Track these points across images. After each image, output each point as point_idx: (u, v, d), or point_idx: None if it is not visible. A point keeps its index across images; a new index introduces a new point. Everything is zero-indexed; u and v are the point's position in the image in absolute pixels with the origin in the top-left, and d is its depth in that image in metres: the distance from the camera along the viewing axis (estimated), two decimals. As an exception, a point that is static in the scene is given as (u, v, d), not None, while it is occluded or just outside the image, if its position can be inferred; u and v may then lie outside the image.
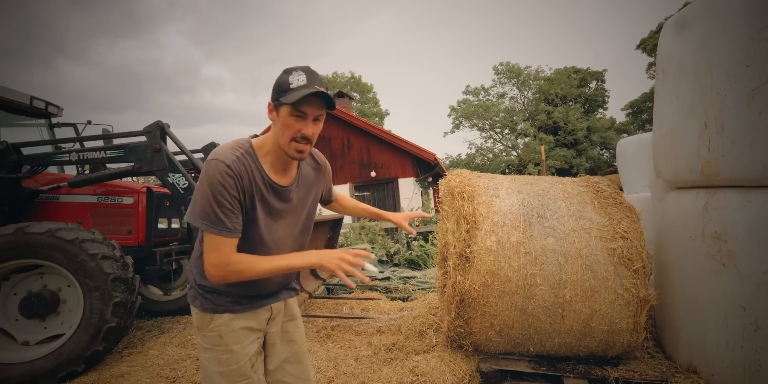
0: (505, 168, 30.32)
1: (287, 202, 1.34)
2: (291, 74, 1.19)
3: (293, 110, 1.18)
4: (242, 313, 1.35)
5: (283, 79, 1.20)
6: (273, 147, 1.27)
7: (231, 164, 1.18)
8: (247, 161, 1.23)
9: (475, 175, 2.87)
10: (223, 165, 1.17)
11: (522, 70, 32.18)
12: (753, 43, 1.86)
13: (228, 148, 1.23)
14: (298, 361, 1.50)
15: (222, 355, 1.31)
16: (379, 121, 33.12)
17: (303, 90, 1.16)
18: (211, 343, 1.32)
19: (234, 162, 1.20)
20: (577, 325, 2.34)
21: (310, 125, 1.21)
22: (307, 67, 1.22)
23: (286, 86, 1.18)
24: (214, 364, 1.32)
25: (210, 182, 1.16)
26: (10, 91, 3.93)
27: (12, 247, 2.93)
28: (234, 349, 1.32)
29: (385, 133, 13.65)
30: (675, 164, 2.38)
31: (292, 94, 1.16)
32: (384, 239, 8.53)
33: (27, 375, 2.79)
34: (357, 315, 4.05)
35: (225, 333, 1.32)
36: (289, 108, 1.18)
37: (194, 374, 2.85)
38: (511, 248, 2.40)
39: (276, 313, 1.45)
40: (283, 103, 1.18)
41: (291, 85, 1.18)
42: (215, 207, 1.16)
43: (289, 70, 1.21)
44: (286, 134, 1.21)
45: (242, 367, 1.32)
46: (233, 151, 1.22)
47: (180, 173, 3.36)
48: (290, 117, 1.19)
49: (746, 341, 1.92)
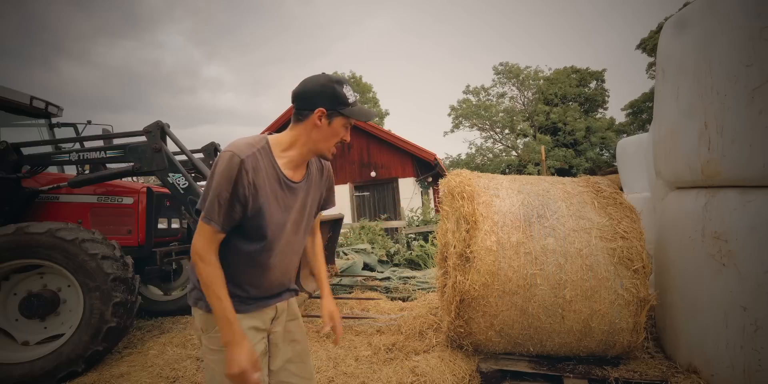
0: (505, 168, 30.29)
1: (297, 198, 1.37)
2: (344, 87, 1.29)
3: (347, 123, 1.31)
4: (248, 313, 1.35)
5: (338, 91, 1.28)
6: (300, 147, 1.32)
7: (245, 159, 1.21)
8: (262, 157, 1.27)
9: (475, 175, 2.87)
10: (238, 158, 1.20)
11: (521, 70, 32.18)
12: (753, 43, 1.86)
13: (245, 143, 1.26)
14: (301, 361, 1.51)
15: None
16: (379, 121, 33.09)
17: (363, 109, 1.32)
18: (218, 344, 1.30)
19: (249, 157, 1.22)
20: (577, 325, 2.34)
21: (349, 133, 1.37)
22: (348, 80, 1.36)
23: (344, 99, 1.28)
24: (221, 365, 1.29)
25: (220, 172, 1.20)
26: (10, 91, 3.93)
27: (12, 247, 2.92)
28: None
29: (385, 133, 13.64)
30: (675, 164, 2.38)
31: (356, 112, 1.30)
32: (384, 239, 8.53)
33: (27, 375, 2.79)
34: (357, 315, 4.05)
35: None
36: (344, 120, 1.30)
37: (194, 374, 2.85)
38: (511, 248, 2.40)
39: (280, 313, 1.46)
40: (341, 114, 1.29)
41: (349, 100, 1.29)
42: (216, 197, 1.20)
43: (339, 81, 1.29)
44: (334, 139, 1.32)
45: None
46: (250, 147, 1.25)
47: (180, 173, 3.35)
48: (343, 127, 1.31)
49: (746, 341, 1.92)
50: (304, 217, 1.43)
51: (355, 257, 6.28)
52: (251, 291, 1.36)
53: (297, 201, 1.37)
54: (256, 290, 1.36)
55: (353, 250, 6.93)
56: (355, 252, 6.73)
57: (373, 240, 8.29)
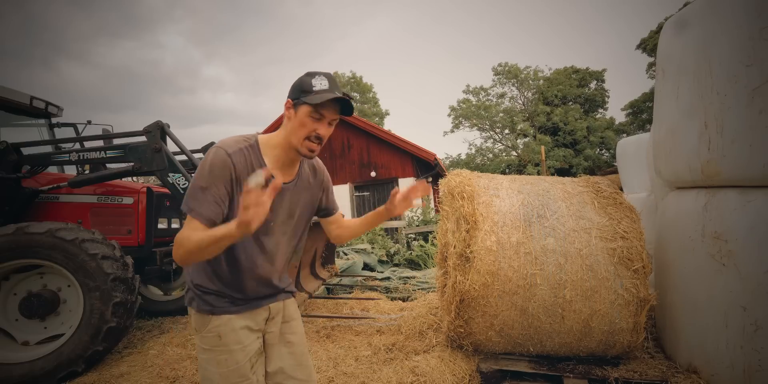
0: (505, 168, 30.29)
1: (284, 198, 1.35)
2: (314, 77, 1.25)
3: (313, 112, 1.23)
4: (240, 314, 1.34)
5: (305, 80, 1.25)
6: (282, 142, 1.30)
7: (232, 154, 1.23)
8: (249, 154, 1.27)
9: (475, 175, 2.87)
10: (224, 153, 1.22)
11: (521, 70, 32.19)
12: (753, 43, 1.86)
13: (233, 140, 1.28)
14: (299, 363, 1.49)
15: (221, 355, 1.31)
16: (379, 121, 33.09)
17: (327, 94, 1.22)
18: (210, 344, 1.32)
19: (235, 152, 1.24)
20: (577, 325, 2.34)
21: (324, 126, 1.26)
22: (329, 74, 1.27)
23: (308, 87, 1.24)
24: (213, 364, 1.31)
25: (205, 167, 1.21)
26: (10, 91, 3.93)
27: (12, 247, 2.92)
28: (234, 349, 1.31)
29: (385, 133, 13.64)
30: (675, 164, 2.38)
31: (316, 96, 1.21)
32: (384, 239, 8.53)
33: (27, 375, 2.79)
34: (357, 315, 4.05)
35: (224, 333, 1.31)
36: (309, 109, 1.23)
37: (194, 374, 2.85)
38: (511, 248, 2.40)
39: (275, 313, 1.45)
40: (304, 103, 1.23)
41: (314, 88, 1.23)
42: (200, 190, 1.19)
43: (312, 73, 1.26)
44: (301, 133, 1.25)
45: (241, 367, 1.31)
46: (237, 143, 1.27)
47: (180, 173, 3.35)
48: (308, 117, 1.24)
49: (746, 341, 1.92)
50: (294, 219, 1.41)
51: (355, 257, 6.28)
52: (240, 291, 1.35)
53: (285, 200, 1.35)
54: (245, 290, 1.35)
55: (353, 250, 6.93)
56: (355, 252, 6.74)
57: (373, 240, 8.29)
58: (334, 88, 1.25)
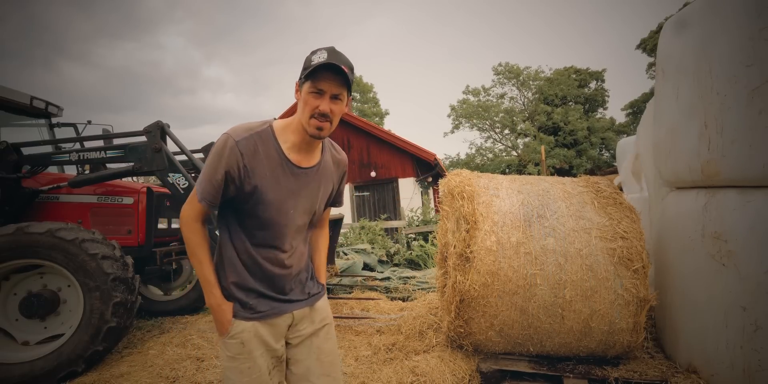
0: (505, 168, 30.28)
1: (305, 184, 1.33)
2: (315, 53, 1.22)
3: (311, 87, 1.20)
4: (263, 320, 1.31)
5: (307, 58, 1.23)
6: (297, 126, 1.29)
7: (239, 141, 1.23)
8: (260, 140, 1.26)
9: (475, 175, 2.87)
10: (232, 140, 1.22)
11: (521, 70, 32.17)
12: (753, 43, 1.86)
13: (243, 127, 1.27)
14: (325, 373, 1.40)
15: (244, 364, 1.28)
16: (379, 121, 33.08)
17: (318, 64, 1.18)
18: (233, 351, 1.28)
19: (244, 139, 1.24)
20: (577, 325, 2.34)
21: (326, 101, 1.21)
22: (331, 47, 1.23)
23: (308, 64, 1.21)
24: (236, 373, 1.28)
25: (214, 152, 1.23)
26: (10, 91, 3.93)
27: (12, 247, 2.92)
28: (256, 356, 1.29)
29: (385, 133, 13.64)
30: (675, 164, 2.38)
31: (310, 70, 1.18)
32: (384, 239, 8.53)
33: (27, 375, 2.79)
34: (357, 315, 4.05)
35: (247, 340, 1.28)
36: (308, 85, 1.21)
37: (194, 374, 2.85)
38: (511, 248, 2.40)
39: (298, 320, 1.39)
40: (304, 81, 1.21)
41: (312, 63, 1.19)
42: (207, 173, 1.24)
43: (315, 50, 1.23)
44: (306, 111, 1.22)
45: (262, 375, 1.29)
46: (248, 130, 1.26)
47: (180, 173, 3.35)
48: (309, 94, 1.21)
49: (746, 341, 1.92)
50: (316, 205, 1.38)
51: (355, 257, 6.28)
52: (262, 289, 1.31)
53: (305, 187, 1.33)
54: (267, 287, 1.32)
55: (353, 250, 6.93)
56: (355, 252, 6.73)
57: (373, 240, 8.29)
58: (333, 59, 1.18)
